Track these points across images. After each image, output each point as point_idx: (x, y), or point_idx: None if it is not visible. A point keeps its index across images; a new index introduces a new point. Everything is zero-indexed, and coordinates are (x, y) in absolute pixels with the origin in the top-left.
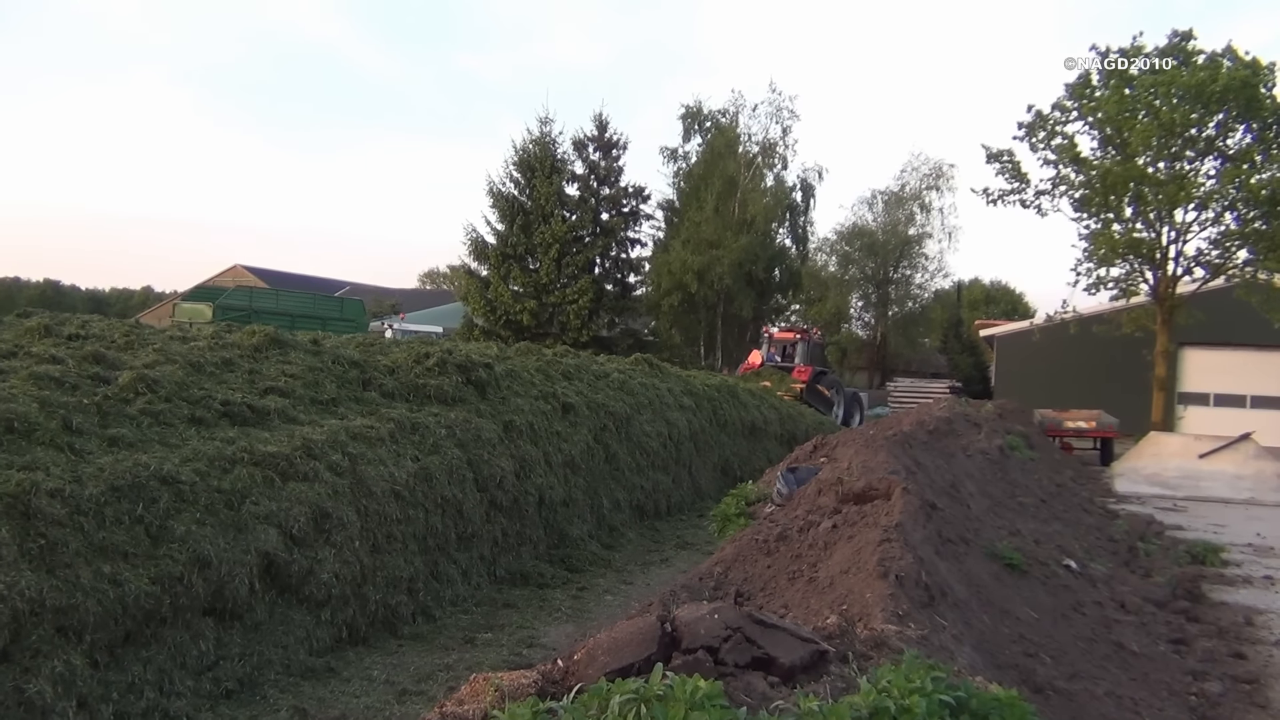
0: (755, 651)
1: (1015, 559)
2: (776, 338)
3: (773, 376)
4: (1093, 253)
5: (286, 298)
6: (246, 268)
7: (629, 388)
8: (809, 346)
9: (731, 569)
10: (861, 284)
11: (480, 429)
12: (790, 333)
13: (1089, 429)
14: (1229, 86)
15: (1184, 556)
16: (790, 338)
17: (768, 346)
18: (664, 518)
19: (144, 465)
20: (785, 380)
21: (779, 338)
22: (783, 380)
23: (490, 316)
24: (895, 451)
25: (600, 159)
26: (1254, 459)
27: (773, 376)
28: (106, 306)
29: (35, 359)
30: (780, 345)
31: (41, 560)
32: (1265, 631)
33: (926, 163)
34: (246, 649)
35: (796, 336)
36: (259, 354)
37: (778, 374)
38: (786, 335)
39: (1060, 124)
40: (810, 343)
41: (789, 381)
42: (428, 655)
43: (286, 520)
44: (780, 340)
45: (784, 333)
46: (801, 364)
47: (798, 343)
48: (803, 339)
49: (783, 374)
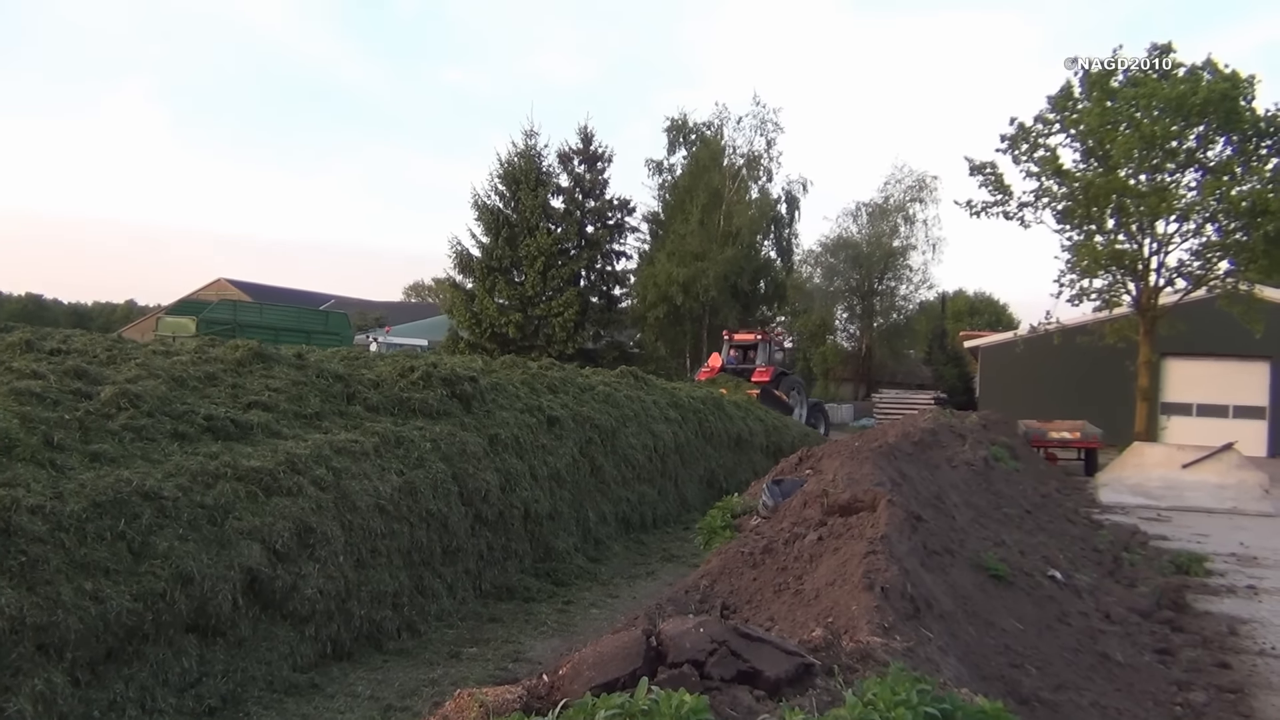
0: (741, 665)
1: (1000, 570)
2: (737, 339)
3: (729, 383)
4: (1075, 264)
5: (271, 311)
6: (230, 281)
7: (614, 400)
8: (770, 348)
9: (717, 582)
10: (846, 296)
11: (465, 442)
12: (750, 334)
13: (1073, 439)
14: (1209, 99)
15: (1168, 566)
16: (750, 339)
17: (727, 349)
18: (650, 530)
19: (126, 481)
20: (742, 386)
21: (739, 339)
22: (739, 386)
23: (476, 329)
24: (880, 463)
25: (585, 171)
26: (1237, 469)
27: (729, 383)
28: (89, 321)
29: (16, 374)
30: (740, 347)
31: (22, 577)
32: (1249, 641)
33: (910, 175)
34: (230, 666)
35: (757, 338)
36: (242, 368)
37: (733, 380)
38: (746, 337)
39: (1042, 136)
40: (771, 344)
41: (745, 386)
42: (413, 670)
43: (270, 535)
44: (740, 342)
45: (744, 334)
46: (762, 366)
47: (758, 344)
48: (763, 340)
49: (739, 380)
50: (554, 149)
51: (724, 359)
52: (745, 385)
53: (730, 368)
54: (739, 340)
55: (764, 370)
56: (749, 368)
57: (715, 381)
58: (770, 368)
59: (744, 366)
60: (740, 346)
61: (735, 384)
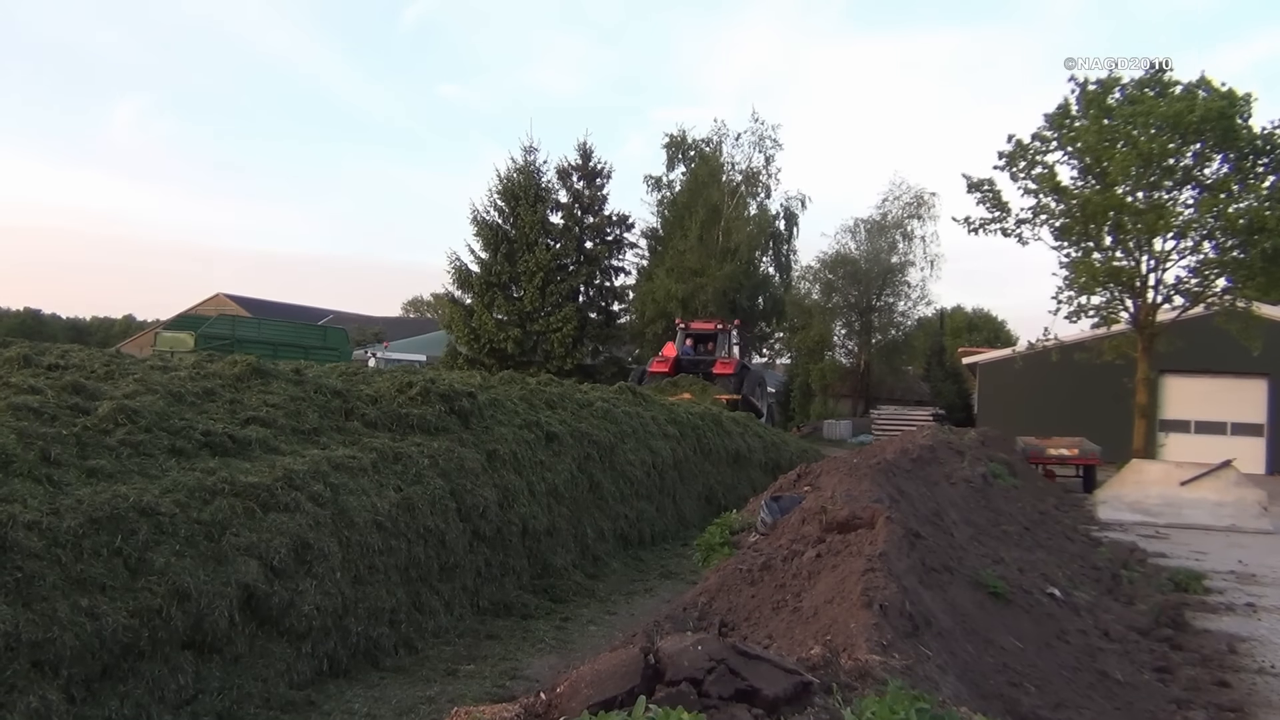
0: (739, 683)
1: (999, 587)
2: (694, 329)
3: (694, 386)
4: (1073, 281)
5: (269, 326)
6: (229, 296)
7: (613, 416)
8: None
9: (716, 599)
10: (845, 312)
11: (463, 458)
12: (709, 323)
13: (1071, 456)
14: (1205, 117)
15: (1167, 584)
16: (709, 328)
17: (683, 338)
18: (648, 547)
19: (123, 497)
20: (708, 391)
21: (696, 328)
22: (705, 391)
23: (474, 345)
24: (879, 480)
25: (584, 187)
26: (1235, 486)
27: (694, 386)
28: (87, 335)
29: (14, 389)
30: (698, 337)
31: (18, 593)
32: (1248, 659)
33: (908, 191)
34: (226, 682)
35: (716, 327)
36: (240, 383)
37: (698, 384)
38: (705, 326)
39: (1040, 154)
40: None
41: (712, 392)
42: (410, 688)
43: (267, 552)
44: (698, 332)
45: (702, 323)
46: (723, 359)
47: (717, 334)
48: (723, 330)
49: (705, 384)
50: (553, 165)
51: (679, 349)
52: (712, 390)
53: (687, 358)
54: (696, 330)
55: (726, 363)
56: (707, 359)
57: (677, 384)
58: (733, 361)
59: (701, 358)
60: (697, 336)
61: (701, 388)
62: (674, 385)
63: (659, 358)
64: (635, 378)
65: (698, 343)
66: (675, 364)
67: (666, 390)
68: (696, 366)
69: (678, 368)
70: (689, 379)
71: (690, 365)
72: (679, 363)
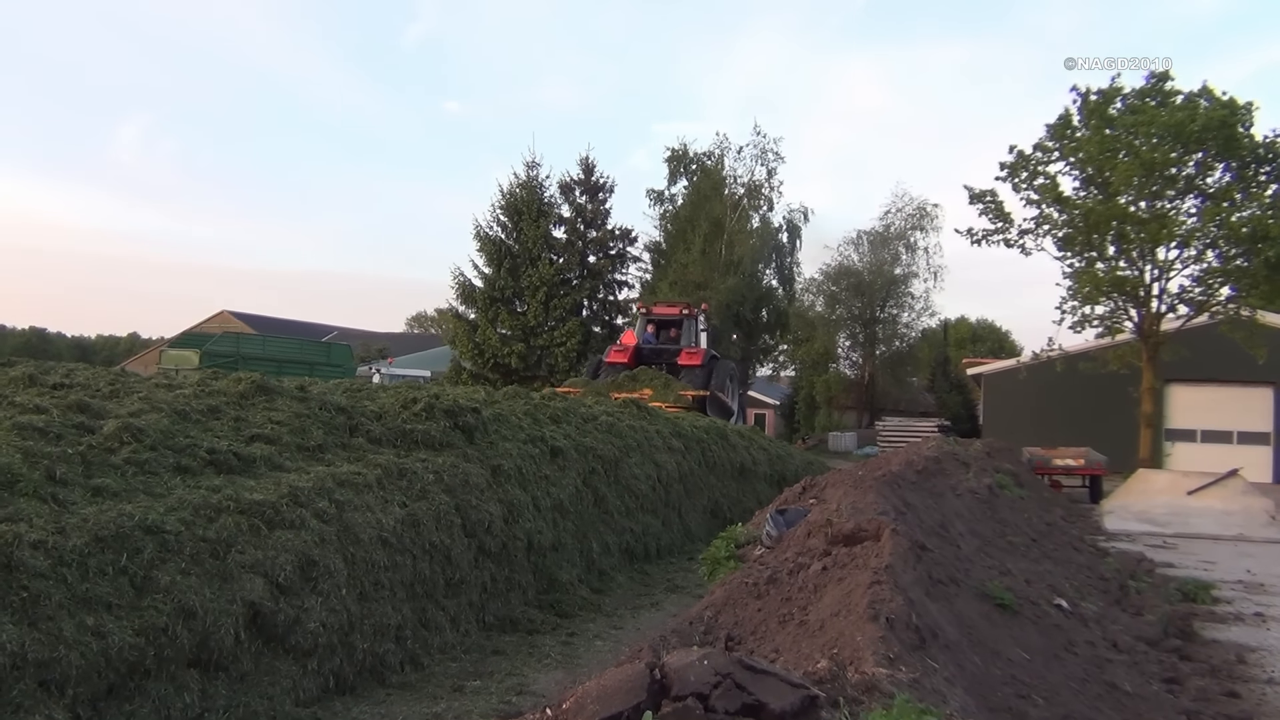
0: (746, 698)
1: (1006, 599)
2: (655, 313)
3: (654, 381)
4: (1077, 291)
5: (273, 343)
6: (233, 313)
7: (617, 430)
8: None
9: (722, 613)
10: (849, 324)
11: (468, 474)
12: (674, 307)
13: (1077, 466)
14: (1207, 126)
15: (1175, 594)
16: (674, 313)
17: (643, 325)
18: (654, 561)
19: (128, 515)
20: (672, 385)
21: (659, 313)
22: (668, 385)
23: (478, 360)
24: (884, 492)
25: (587, 202)
26: (1242, 495)
27: (654, 381)
28: (92, 354)
29: (19, 409)
30: (660, 323)
31: (23, 613)
32: (1258, 669)
33: (911, 203)
34: (232, 701)
35: (681, 311)
36: (245, 401)
37: (660, 377)
38: (669, 310)
39: (1042, 164)
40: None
41: (675, 387)
42: (416, 704)
43: (273, 569)
44: (661, 317)
45: (665, 307)
46: (689, 348)
47: (683, 320)
48: (689, 315)
49: (668, 378)
50: (556, 179)
51: (640, 337)
52: (676, 385)
53: (648, 348)
54: (659, 314)
55: (693, 353)
56: (671, 348)
57: (636, 378)
58: (700, 350)
59: (665, 347)
60: (660, 322)
61: (664, 382)
62: (631, 379)
63: (617, 346)
64: (590, 370)
65: (660, 329)
66: (635, 354)
67: (622, 385)
68: (660, 356)
69: (638, 358)
70: (649, 372)
71: (653, 355)
72: (640, 352)
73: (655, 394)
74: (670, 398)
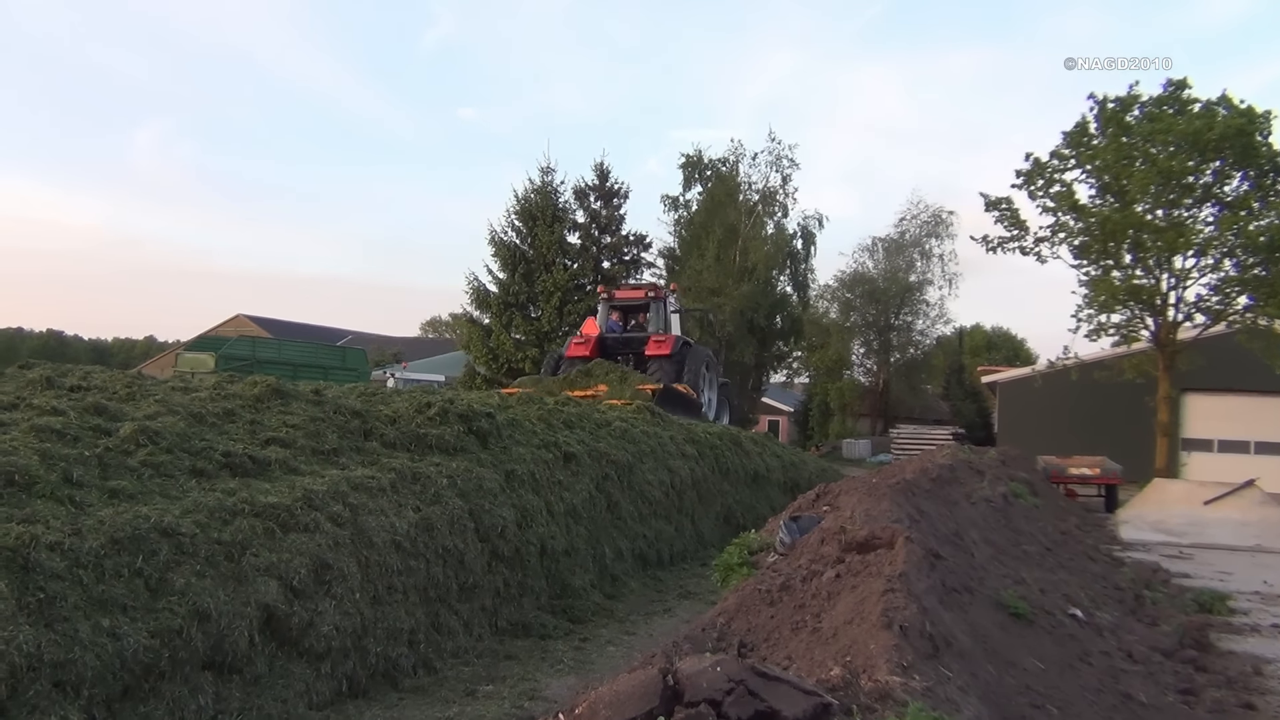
0: (758, 705)
1: (1020, 608)
2: (619, 298)
3: (610, 376)
4: (1093, 299)
5: (289, 347)
6: (249, 317)
7: (631, 436)
8: (665, 309)
9: (734, 619)
10: (863, 331)
11: (482, 478)
12: (639, 290)
13: (1093, 475)
14: (1225, 134)
15: (1191, 605)
16: (639, 297)
17: (607, 312)
18: (667, 567)
19: (144, 517)
20: (628, 380)
21: (622, 298)
22: (625, 381)
23: (492, 365)
24: (898, 500)
25: (601, 207)
26: (1259, 505)
27: (610, 376)
28: (109, 357)
29: (37, 411)
30: (625, 309)
31: (40, 614)
32: (1275, 681)
33: (926, 210)
34: (246, 703)
35: (647, 295)
36: (260, 404)
37: (616, 370)
38: (633, 294)
39: (1058, 172)
40: (668, 301)
41: (634, 381)
42: (428, 708)
43: (287, 572)
44: (625, 302)
45: (629, 290)
46: (657, 336)
47: (649, 304)
48: (656, 298)
49: (624, 371)
50: (570, 185)
51: (603, 325)
52: (634, 379)
53: (612, 337)
54: (622, 299)
55: (661, 341)
56: (638, 336)
57: (591, 373)
58: (669, 337)
59: (632, 335)
60: (625, 308)
61: (620, 376)
62: (586, 375)
63: (578, 338)
64: (548, 366)
65: (626, 315)
66: (599, 345)
67: (576, 382)
68: (627, 346)
69: (602, 349)
70: (606, 366)
71: (618, 345)
72: (603, 343)
73: (611, 389)
74: (627, 393)
